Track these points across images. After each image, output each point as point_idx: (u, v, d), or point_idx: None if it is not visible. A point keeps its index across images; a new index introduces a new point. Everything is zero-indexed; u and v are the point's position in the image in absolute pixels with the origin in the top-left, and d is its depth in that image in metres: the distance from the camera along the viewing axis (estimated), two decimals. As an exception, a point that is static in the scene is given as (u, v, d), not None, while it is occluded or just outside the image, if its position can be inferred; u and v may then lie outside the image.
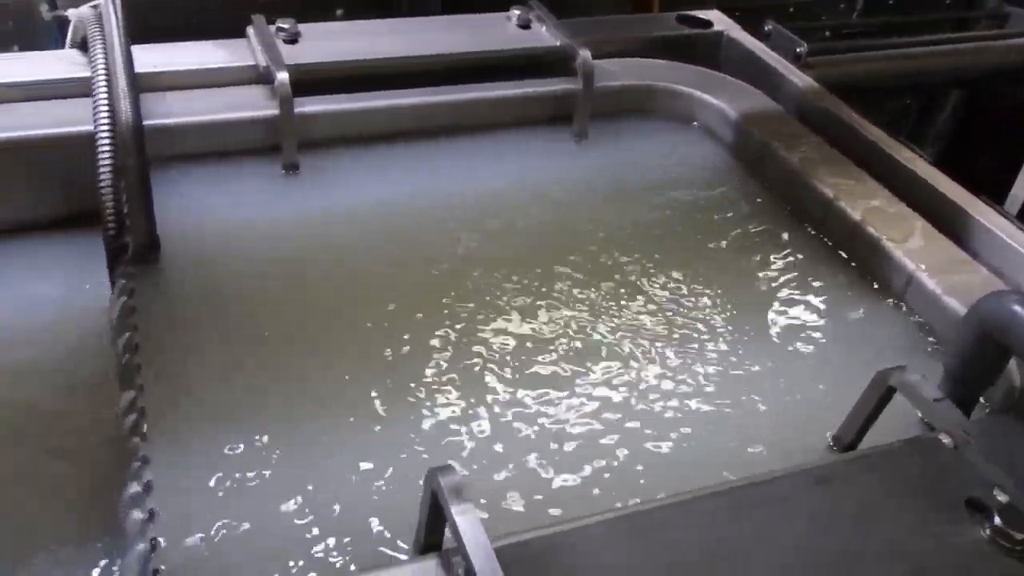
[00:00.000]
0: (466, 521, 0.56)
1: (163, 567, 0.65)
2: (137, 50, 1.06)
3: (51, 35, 1.37)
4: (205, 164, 1.10)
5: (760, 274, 1.03)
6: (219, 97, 1.13)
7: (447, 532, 0.61)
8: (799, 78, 1.32)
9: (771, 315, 0.98)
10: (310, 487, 0.74)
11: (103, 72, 0.98)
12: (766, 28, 1.49)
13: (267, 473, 0.75)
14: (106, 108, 0.96)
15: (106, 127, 0.95)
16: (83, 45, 1.15)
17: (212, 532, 0.69)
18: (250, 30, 1.21)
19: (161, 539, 0.67)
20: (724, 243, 1.08)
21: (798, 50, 1.42)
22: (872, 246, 1.02)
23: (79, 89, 1.10)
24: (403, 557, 0.69)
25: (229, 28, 1.23)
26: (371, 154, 1.16)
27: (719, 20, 1.48)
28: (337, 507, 0.72)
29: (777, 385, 0.89)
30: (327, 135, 1.14)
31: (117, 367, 0.86)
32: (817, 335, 0.95)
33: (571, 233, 1.08)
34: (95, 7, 1.07)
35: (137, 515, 0.70)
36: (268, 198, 1.08)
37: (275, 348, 0.88)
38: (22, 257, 1.04)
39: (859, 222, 1.04)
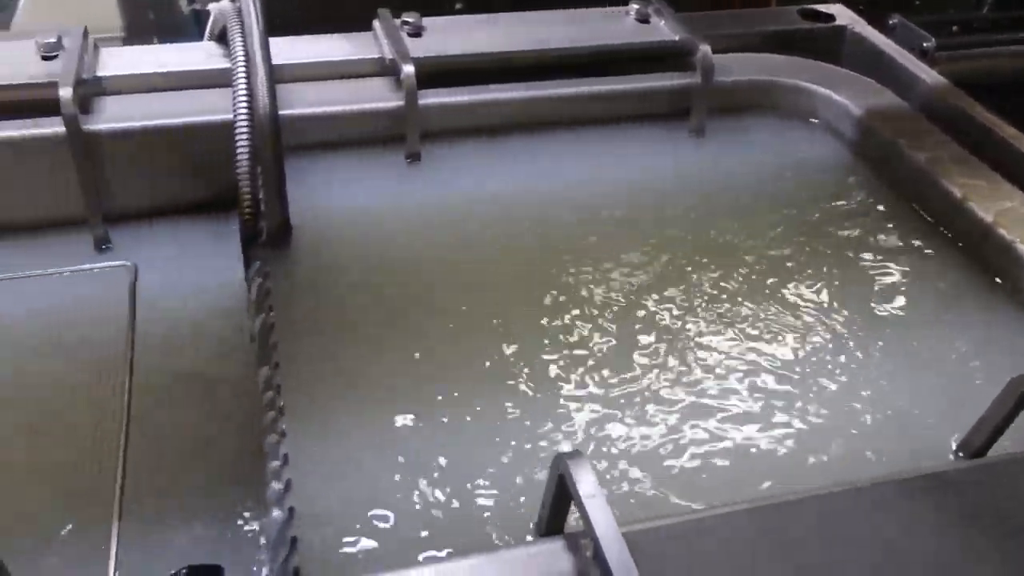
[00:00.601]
0: (595, 506, 0.58)
1: (299, 536, 0.69)
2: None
3: (189, 28, 1.44)
4: (332, 153, 1.14)
5: (885, 277, 1.01)
6: (346, 88, 1.17)
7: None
8: (927, 74, 1.29)
9: (895, 317, 0.96)
10: (445, 462, 0.77)
11: (242, 63, 1.02)
12: (891, 22, 1.45)
13: (398, 445, 0.78)
14: (245, 97, 1.00)
15: (245, 116, 1.00)
16: (220, 37, 1.21)
17: (345, 502, 0.72)
18: (376, 24, 1.25)
19: (297, 508, 0.71)
20: (846, 243, 1.06)
21: (925, 45, 1.38)
22: (1005, 249, 0.99)
23: (217, 79, 1.16)
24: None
25: (355, 23, 1.27)
26: (490, 145, 1.18)
27: (841, 14, 1.45)
28: (476, 487, 0.75)
29: (902, 388, 0.87)
30: (449, 126, 1.17)
31: (255, 345, 0.91)
32: (944, 339, 0.93)
33: (689, 229, 1.08)
34: (234, 1, 1.12)
35: (276, 486, 0.74)
36: (391, 186, 1.12)
37: (397, 325, 0.91)
38: (165, 239, 1.10)
39: (991, 224, 1.01)
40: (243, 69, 1.02)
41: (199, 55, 1.19)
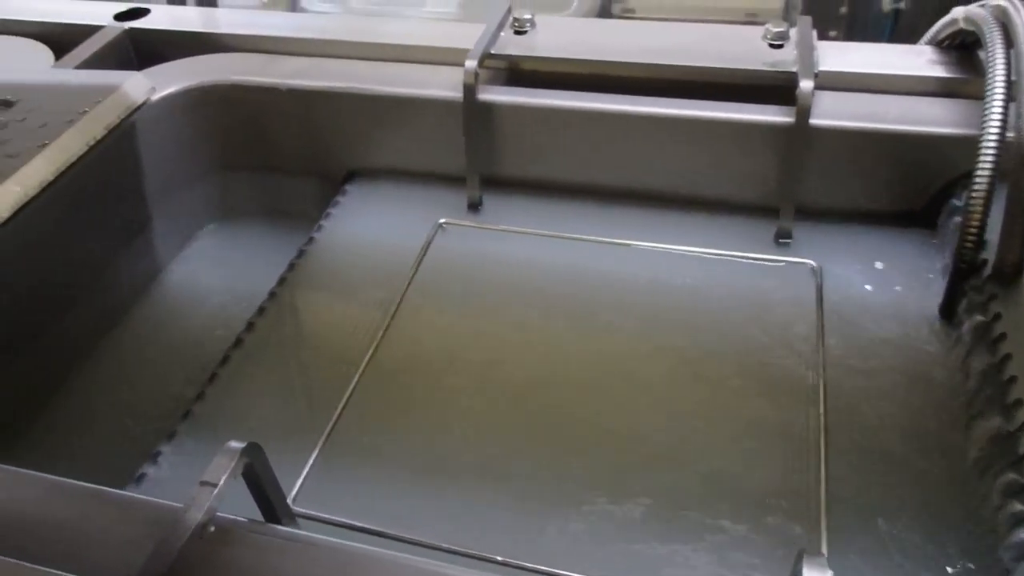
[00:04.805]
0: None
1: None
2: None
3: (880, 25, 1.38)
4: None
5: None
6: None
7: None
8: None
9: None
10: None
11: (1002, 77, 0.93)
12: None
13: None
14: (999, 115, 0.91)
15: (995, 135, 0.91)
16: (940, 43, 1.13)
17: None
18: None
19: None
20: None
21: None
22: None
23: (935, 87, 1.09)
24: None
25: None
26: None
27: None
28: None
29: None
30: None
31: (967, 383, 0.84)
32: None
33: None
34: (987, 6, 1.03)
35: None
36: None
37: None
38: (848, 244, 1.07)
39: None
40: (1002, 84, 0.93)
41: (917, 60, 1.13)
